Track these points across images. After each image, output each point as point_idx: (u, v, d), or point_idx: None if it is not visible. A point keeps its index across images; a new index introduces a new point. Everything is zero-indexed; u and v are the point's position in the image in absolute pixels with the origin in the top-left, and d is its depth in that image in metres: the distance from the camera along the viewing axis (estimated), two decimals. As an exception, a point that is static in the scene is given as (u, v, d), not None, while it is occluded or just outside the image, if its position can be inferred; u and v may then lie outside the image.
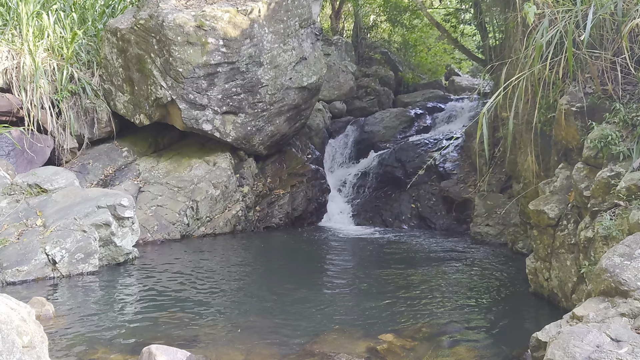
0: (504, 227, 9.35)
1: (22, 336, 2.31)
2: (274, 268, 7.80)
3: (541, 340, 3.63)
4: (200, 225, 9.86)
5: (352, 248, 9.40)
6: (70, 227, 6.90)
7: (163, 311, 5.31)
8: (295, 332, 4.70)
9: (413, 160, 12.29)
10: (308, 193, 11.55)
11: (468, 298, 5.86)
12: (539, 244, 5.72)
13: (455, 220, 11.03)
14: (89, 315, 5.21)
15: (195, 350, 4.11)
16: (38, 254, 6.53)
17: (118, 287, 6.34)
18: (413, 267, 7.45)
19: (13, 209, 7.40)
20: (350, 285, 6.57)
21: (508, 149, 8.54)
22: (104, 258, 7.20)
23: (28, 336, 2.34)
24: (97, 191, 7.84)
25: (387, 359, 4.07)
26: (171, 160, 10.70)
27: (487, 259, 7.96)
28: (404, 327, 4.84)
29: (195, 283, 6.46)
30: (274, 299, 5.78)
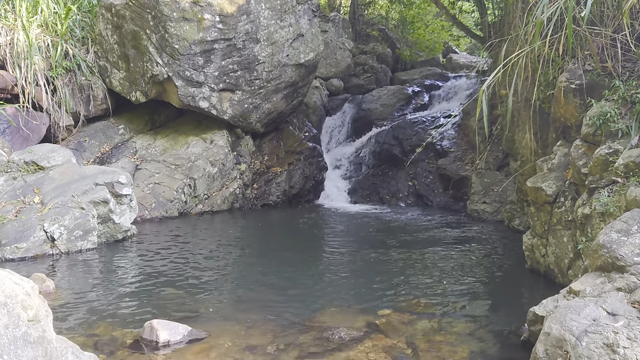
0: (500, 204, 9.40)
1: (27, 310, 2.33)
2: (272, 245, 7.84)
3: (538, 314, 3.68)
4: (197, 203, 9.87)
5: (350, 226, 9.44)
6: (68, 204, 6.89)
7: (163, 287, 5.34)
8: (295, 307, 4.75)
9: (410, 138, 12.28)
10: (305, 171, 11.56)
11: (465, 274, 5.92)
12: (536, 221, 5.76)
13: (452, 198, 11.07)
14: (90, 291, 5.24)
15: (196, 325, 4.15)
16: (36, 231, 6.54)
17: (117, 264, 6.37)
18: (410, 244, 7.50)
19: (10, 186, 7.38)
20: (348, 262, 6.62)
21: (506, 126, 8.55)
22: (103, 235, 7.21)
23: (33, 310, 2.36)
24: (94, 168, 7.82)
25: (386, 332, 4.12)
26: (168, 137, 10.65)
27: (484, 236, 8.02)
28: (402, 302, 4.90)
29: (194, 260, 6.50)
30: (272, 276, 5.82)
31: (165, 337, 3.84)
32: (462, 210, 10.35)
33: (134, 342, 3.91)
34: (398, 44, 18.24)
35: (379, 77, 16.18)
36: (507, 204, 8.96)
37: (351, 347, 3.84)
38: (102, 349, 3.75)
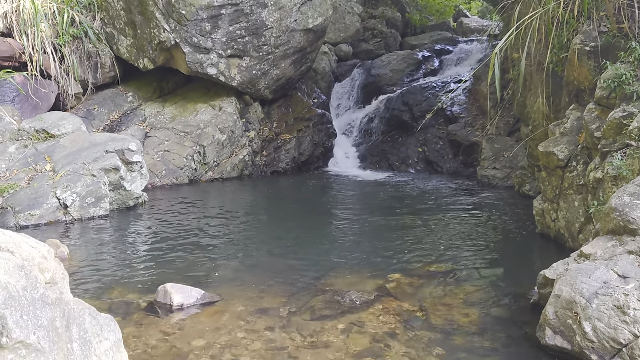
0: (510, 170, 9.35)
1: (44, 273, 2.36)
2: (282, 211, 7.87)
3: (548, 277, 3.70)
4: (207, 170, 9.91)
5: (359, 192, 9.46)
6: (80, 171, 6.94)
7: (175, 252, 5.41)
8: (306, 272, 4.80)
9: (420, 104, 12.16)
10: (314, 137, 11.52)
11: (475, 239, 5.93)
12: (547, 186, 5.73)
13: (462, 164, 11.02)
14: (103, 256, 5.32)
15: (208, 289, 4.22)
16: (49, 198, 6.61)
17: (129, 230, 6.45)
18: (420, 210, 7.51)
19: (21, 154, 7.43)
20: (358, 227, 6.65)
21: (518, 91, 8.42)
22: (114, 202, 7.28)
23: (50, 273, 2.40)
24: (104, 136, 7.84)
25: (396, 295, 4.17)
26: (176, 105, 10.62)
27: (494, 201, 8.01)
28: (412, 266, 4.93)
29: (205, 226, 6.55)
30: (283, 241, 5.87)
31: (178, 300, 3.91)
32: (472, 176, 10.31)
33: (148, 305, 3.98)
34: (408, 7, 17.89)
35: (389, 42, 15.93)
36: (517, 170, 8.91)
37: (362, 310, 3.89)
38: (117, 311, 3.82)
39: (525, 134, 8.38)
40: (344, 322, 3.69)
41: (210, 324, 3.65)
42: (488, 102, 9.33)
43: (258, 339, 3.44)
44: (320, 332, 3.54)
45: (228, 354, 3.24)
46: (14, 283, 2.17)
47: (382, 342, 3.41)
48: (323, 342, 3.41)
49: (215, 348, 3.32)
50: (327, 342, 3.40)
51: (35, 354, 2.18)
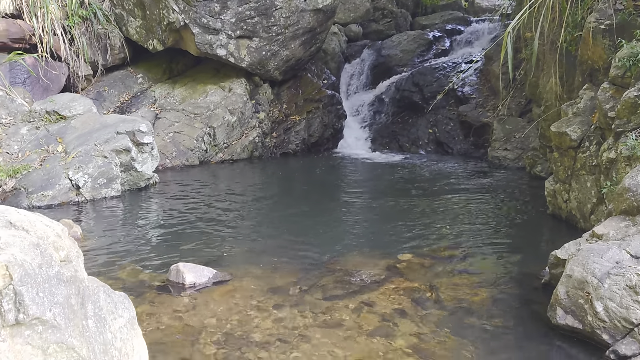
0: (522, 151, 9.28)
1: (58, 251, 2.39)
2: (292, 193, 7.89)
3: (560, 257, 3.69)
4: (217, 152, 9.93)
5: (369, 173, 9.44)
6: (91, 153, 6.98)
7: (186, 233, 5.45)
8: (316, 252, 4.82)
9: (431, 85, 12.05)
10: (324, 119, 11.48)
11: (485, 220, 5.92)
12: (559, 166, 5.69)
13: (473, 145, 10.95)
14: (116, 236, 5.38)
15: (220, 268, 4.25)
16: (61, 179, 6.66)
17: (141, 211, 6.50)
18: (430, 191, 7.49)
19: (33, 135, 7.48)
20: (368, 209, 6.66)
21: (530, 71, 8.33)
22: (126, 183, 7.32)
23: (64, 251, 2.43)
24: (115, 117, 7.87)
25: (406, 275, 4.18)
26: (186, 86, 10.61)
27: (505, 182, 7.97)
28: (423, 247, 4.94)
29: (215, 207, 6.59)
30: (293, 222, 5.89)
31: (191, 280, 3.95)
32: (482, 157, 10.25)
33: (161, 284, 4.02)
34: (418, -13, 17.62)
35: (399, 22, 15.74)
36: (529, 151, 8.85)
37: (372, 289, 3.91)
38: (130, 290, 3.86)
39: (537, 114, 8.30)
40: (354, 301, 3.72)
41: (222, 303, 3.69)
42: (500, 82, 9.23)
43: (269, 318, 3.47)
44: (331, 311, 3.56)
45: (240, 332, 3.27)
46: (29, 261, 2.20)
47: (393, 321, 3.43)
48: (334, 321, 3.44)
49: (228, 326, 3.35)
50: (338, 321, 3.43)
51: (51, 330, 2.22)
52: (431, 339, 3.20)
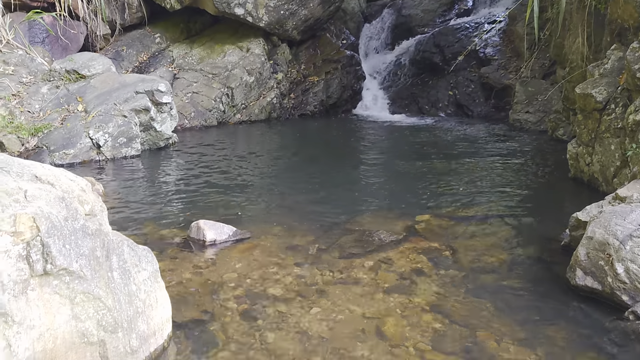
0: (544, 114, 9.11)
1: (83, 205, 2.43)
2: (310, 154, 7.87)
3: (581, 219, 3.66)
4: (235, 113, 9.91)
5: (388, 136, 9.38)
6: (111, 112, 7.01)
7: (205, 192, 5.50)
8: (334, 212, 4.84)
9: (452, 46, 11.79)
10: (343, 80, 11.35)
11: (506, 182, 5.87)
12: (583, 129, 5.58)
13: (494, 108, 10.78)
14: (137, 194, 5.45)
15: (239, 227, 4.29)
16: (82, 138, 6.73)
17: (161, 170, 6.56)
18: (450, 153, 7.43)
19: (54, 94, 7.52)
20: (386, 170, 6.64)
21: (556, 31, 8.10)
22: (145, 143, 7.37)
23: (89, 205, 2.47)
24: (134, 77, 7.87)
25: (424, 236, 4.19)
26: (204, 46, 10.53)
27: (526, 145, 7.86)
28: (442, 209, 4.92)
29: (234, 167, 6.62)
30: (311, 183, 5.90)
31: (211, 237, 4.01)
32: (503, 120, 10.10)
33: (182, 241, 4.09)
34: (441, -57, 17.06)
35: (420, -20, 15.33)
36: (551, 114, 8.68)
37: (390, 249, 3.93)
38: (151, 246, 3.89)
39: (562, 76, 8.10)
40: (372, 260, 3.74)
41: (242, 259, 3.74)
42: (524, 43, 9.00)
43: (288, 274, 3.52)
44: (349, 269, 3.60)
45: (260, 288, 3.33)
46: (55, 213, 2.24)
47: (410, 279, 3.46)
48: (352, 278, 3.47)
49: (247, 282, 3.41)
50: (356, 279, 3.46)
51: (78, 280, 2.28)
52: (449, 297, 3.23)
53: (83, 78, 7.70)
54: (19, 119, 7.04)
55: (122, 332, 2.44)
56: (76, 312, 2.30)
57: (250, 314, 3.04)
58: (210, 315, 3.02)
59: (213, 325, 2.92)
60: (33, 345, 2.13)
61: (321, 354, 2.66)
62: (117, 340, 2.43)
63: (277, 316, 3.01)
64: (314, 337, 2.81)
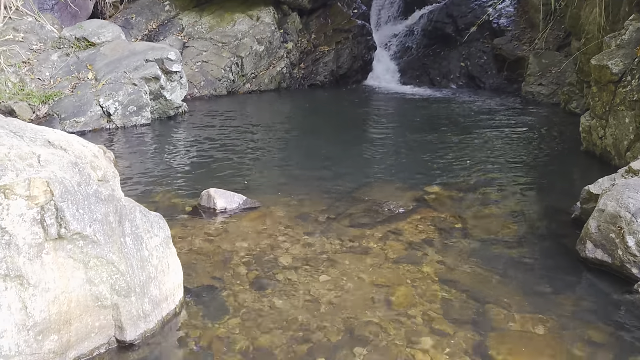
0: (557, 86, 8.98)
1: (96, 170, 2.45)
2: (320, 125, 7.84)
3: (592, 192, 3.63)
4: (245, 82, 9.85)
5: (398, 107, 9.31)
6: (121, 80, 7.00)
7: (215, 161, 5.51)
8: (343, 182, 4.84)
9: (465, 16, 11.57)
10: (353, 50, 11.21)
11: (516, 155, 5.83)
12: (597, 101, 5.50)
13: (506, 80, 10.64)
14: (147, 162, 5.47)
15: (249, 196, 4.30)
16: (93, 106, 6.73)
17: (171, 138, 6.57)
18: (461, 126, 7.37)
19: (64, 62, 7.50)
20: (396, 142, 6.60)
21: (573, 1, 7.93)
22: (155, 111, 7.37)
23: (101, 171, 2.48)
24: (143, 45, 7.82)
25: (434, 206, 4.19)
26: (214, 14, 10.41)
27: (538, 118, 7.78)
28: (452, 180, 4.91)
29: (243, 136, 6.61)
30: (321, 154, 5.88)
31: (222, 205, 4.03)
32: (515, 92, 9.97)
33: (193, 208, 4.12)
34: None
35: (434, -52, 14.98)
36: (564, 86, 8.55)
37: (400, 219, 3.94)
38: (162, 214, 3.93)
39: (577, 48, 7.96)
40: (382, 230, 3.76)
41: (253, 228, 3.77)
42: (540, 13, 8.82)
43: (298, 243, 3.54)
44: (358, 239, 3.61)
45: (270, 255, 3.36)
46: (69, 178, 2.25)
47: (420, 249, 3.47)
48: (361, 247, 3.49)
49: (258, 250, 3.44)
50: (366, 248, 3.48)
51: (91, 245, 2.31)
52: (458, 268, 3.24)
53: (93, 46, 7.66)
54: (30, 86, 7.04)
55: (135, 297, 2.48)
56: (90, 276, 2.33)
57: (260, 281, 3.07)
58: (221, 282, 3.06)
59: (224, 292, 2.95)
60: (48, 308, 2.17)
61: (330, 320, 2.70)
62: (130, 304, 2.47)
63: (287, 283, 3.05)
64: (323, 304, 2.84)
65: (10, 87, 6.94)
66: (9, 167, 2.08)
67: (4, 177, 2.04)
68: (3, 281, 2.01)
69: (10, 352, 2.04)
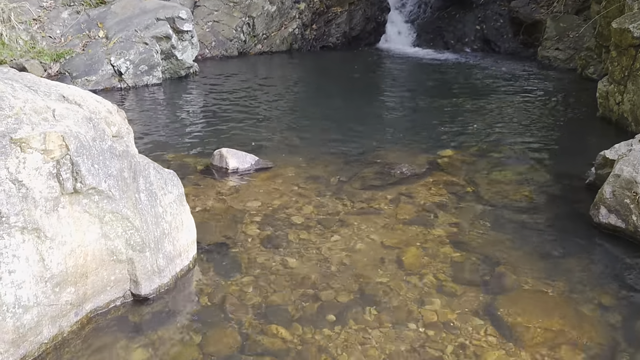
0: (574, 51, 8.78)
1: (110, 126, 2.45)
2: (332, 87, 7.75)
3: (608, 157, 3.59)
4: (257, 43, 9.73)
5: (411, 70, 9.18)
6: (132, 39, 6.93)
7: (226, 121, 5.49)
8: (356, 145, 4.81)
9: (482, -23, 11.28)
10: (367, 12, 10.99)
11: (531, 120, 5.75)
12: (616, 66, 5.39)
13: (522, 44, 10.40)
14: (159, 122, 5.47)
15: (262, 156, 4.30)
16: (104, 65, 6.70)
17: (182, 99, 6.55)
18: (475, 90, 7.27)
19: (74, 20, 7.43)
20: (409, 106, 6.54)
21: (594, -39, 7.68)
22: (166, 71, 7.32)
23: (115, 127, 2.48)
24: (154, 3, 7.70)
25: (447, 170, 4.17)
26: (225, -28, 10.21)
27: (554, 83, 7.65)
28: (465, 145, 4.86)
29: (255, 98, 6.57)
30: (333, 116, 5.85)
31: (234, 165, 4.03)
32: (531, 57, 9.76)
33: (205, 168, 4.13)
34: None
35: None
36: (582, 51, 8.36)
37: (412, 182, 3.93)
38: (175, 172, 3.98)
39: (596, 11, 7.74)
40: (393, 192, 3.75)
41: (264, 188, 3.78)
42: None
43: (310, 203, 3.55)
44: (370, 201, 3.62)
45: (282, 215, 3.38)
46: (83, 133, 2.26)
47: (431, 212, 3.47)
48: (373, 209, 3.50)
49: (270, 210, 3.46)
50: (377, 210, 3.49)
51: (107, 200, 2.32)
52: (469, 231, 3.24)
53: (103, 3, 7.57)
54: (41, 44, 7.01)
55: (150, 252, 2.51)
56: (105, 231, 2.36)
57: (272, 240, 3.09)
58: (234, 240, 3.09)
59: (236, 250, 2.99)
60: (65, 260, 2.21)
61: (341, 280, 2.73)
62: (145, 260, 2.50)
63: (298, 243, 3.07)
64: (334, 263, 2.87)
65: (21, 44, 6.91)
66: (24, 120, 2.09)
67: (19, 131, 2.04)
68: (21, 234, 2.04)
69: (29, 303, 2.08)
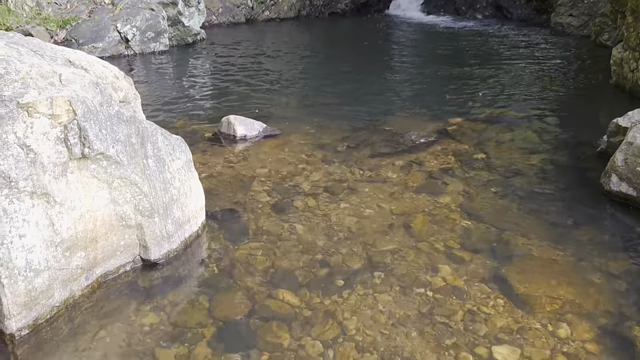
0: (589, 17, 8.59)
1: (117, 91, 2.42)
2: (340, 55, 7.65)
3: (621, 125, 3.53)
4: (264, 9, 9.59)
5: (422, 38, 9.02)
6: (138, 5, 6.85)
7: (234, 88, 5.46)
8: (364, 113, 4.77)
9: (495, -60, 10.98)
10: (376, -23, 10.79)
11: (543, 88, 5.67)
12: (632, 32, 5.26)
13: (535, 10, 10.19)
14: (166, 89, 5.44)
15: (269, 124, 4.28)
16: (110, 31, 6.64)
17: (189, 66, 6.50)
18: (486, 57, 7.15)
19: (80, -15, 7.33)
20: (419, 73, 6.44)
21: None
22: (173, 38, 7.25)
23: (123, 92, 2.46)
24: (160, -32, 7.58)
25: (456, 138, 4.13)
26: (232, -64, 10.00)
27: (567, 50, 7.51)
28: (475, 113, 4.81)
29: (262, 65, 6.51)
30: (341, 83, 5.78)
31: (242, 132, 4.02)
32: (544, 23, 9.57)
33: (213, 135, 4.12)
34: None
35: None
36: (597, 17, 8.17)
37: (421, 149, 3.90)
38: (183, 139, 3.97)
39: (613, -25, 7.54)
40: (402, 159, 3.73)
41: (272, 155, 3.77)
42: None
43: (317, 170, 3.54)
44: (378, 168, 3.60)
45: (290, 182, 3.37)
46: (90, 98, 2.24)
47: (440, 179, 3.45)
48: (381, 176, 3.48)
49: (278, 176, 3.45)
50: (386, 177, 3.47)
51: (115, 165, 2.32)
52: (478, 198, 3.23)
53: (108, -32, 7.45)
54: (47, 11, 6.93)
55: (159, 217, 2.52)
56: (114, 196, 2.36)
57: (280, 207, 3.09)
58: (242, 207, 3.09)
59: (245, 216, 2.99)
60: (75, 225, 2.22)
61: (349, 246, 2.73)
62: (154, 225, 2.51)
63: (306, 210, 3.07)
64: (342, 230, 2.87)
65: (27, 11, 6.84)
66: (31, 85, 2.07)
67: (26, 95, 2.03)
68: (30, 198, 2.04)
69: (40, 267, 2.10)
